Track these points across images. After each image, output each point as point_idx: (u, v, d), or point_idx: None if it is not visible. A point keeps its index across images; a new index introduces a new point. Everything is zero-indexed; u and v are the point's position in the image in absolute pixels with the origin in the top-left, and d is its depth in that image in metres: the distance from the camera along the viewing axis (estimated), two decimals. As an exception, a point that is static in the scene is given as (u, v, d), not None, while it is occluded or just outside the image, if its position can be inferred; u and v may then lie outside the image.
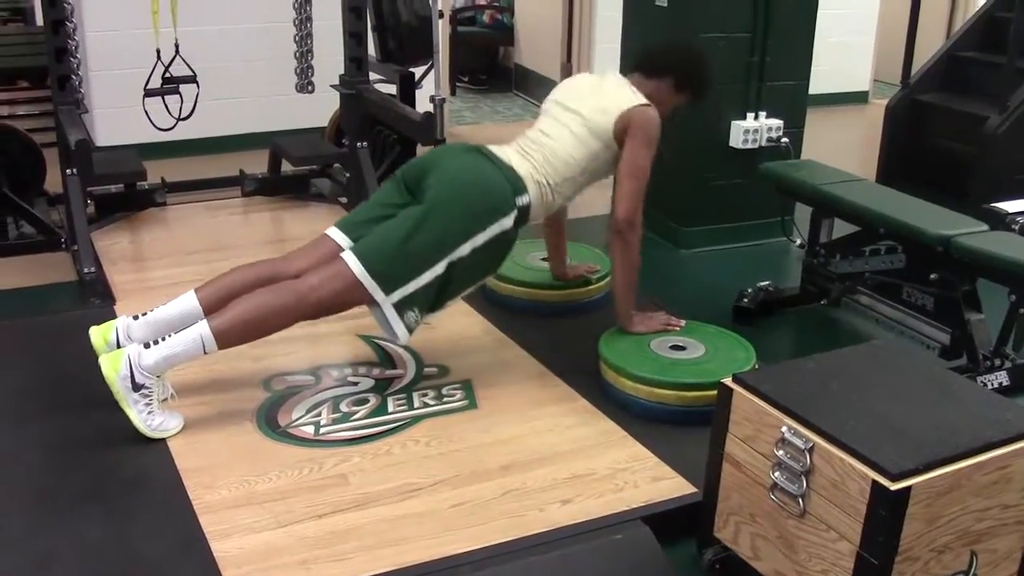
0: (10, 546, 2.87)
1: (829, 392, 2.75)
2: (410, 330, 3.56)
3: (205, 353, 3.40)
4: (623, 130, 3.75)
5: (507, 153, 3.78)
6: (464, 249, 3.53)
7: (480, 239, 3.56)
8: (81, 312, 4.40)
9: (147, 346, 3.37)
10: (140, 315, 3.59)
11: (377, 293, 3.47)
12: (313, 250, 3.69)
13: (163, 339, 3.39)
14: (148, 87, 5.48)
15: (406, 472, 3.26)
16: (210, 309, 3.50)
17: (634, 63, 4.04)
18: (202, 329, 3.37)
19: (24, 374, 3.84)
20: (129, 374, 3.31)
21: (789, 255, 5.48)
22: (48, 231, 5.36)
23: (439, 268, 3.51)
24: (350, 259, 3.48)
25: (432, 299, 3.57)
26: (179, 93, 5.49)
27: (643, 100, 3.82)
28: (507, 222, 3.62)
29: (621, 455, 3.38)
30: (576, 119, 3.82)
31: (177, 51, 5.44)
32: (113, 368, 3.31)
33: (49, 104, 5.69)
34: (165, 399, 3.43)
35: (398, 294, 3.49)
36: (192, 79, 5.51)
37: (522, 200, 3.67)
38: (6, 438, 3.42)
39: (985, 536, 2.59)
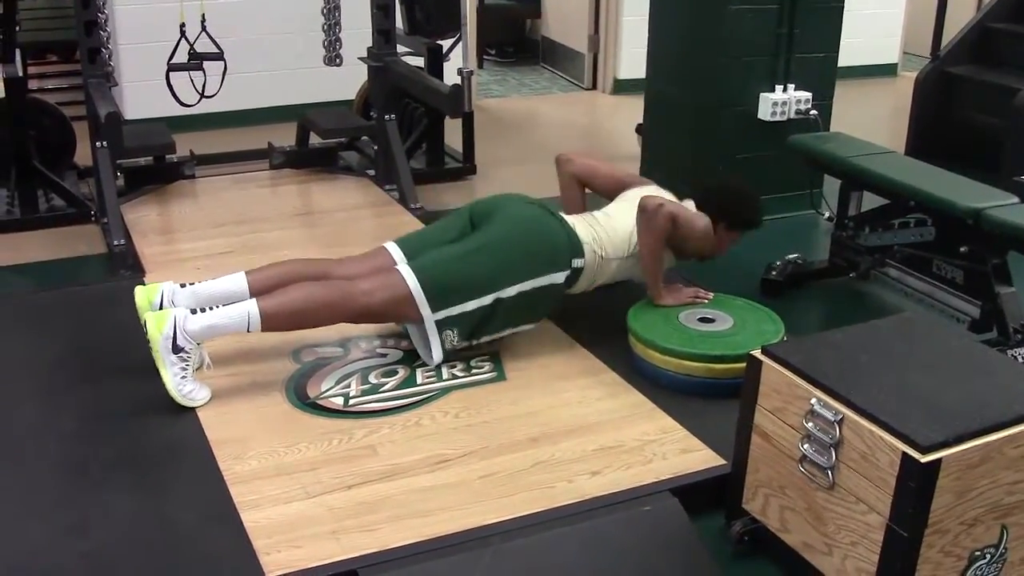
0: (44, 515, 2.90)
1: (858, 364, 2.73)
2: (445, 351, 3.66)
3: (248, 331, 3.45)
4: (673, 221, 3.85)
5: (573, 220, 3.91)
6: (513, 290, 3.66)
7: (529, 285, 3.69)
8: (111, 284, 4.43)
9: (194, 312, 3.42)
10: (188, 284, 3.65)
11: (425, 309, 3.58)
12: (368, 259, 3.82)
13: (210, 309, 3.44)
14: (172, 62, 5.48)
15: (435, 443, 3.27)
16: (258, 294, 3.56)
17: (690, 192, 4.11)
18: (251, 307, 3.43)
19: (55, 345, 3.87)
20: (172, 335, 3.34)
21: (818, 228, 5.45)
22: (78, 204, 5.40)
23: (486, 300, 3.63)
24: (406, 272, 3.60)
25: (470, 329, 3.67)
26: (203, 70, 5.49)
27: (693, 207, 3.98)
28: (558, 277, 3.76)
29: (650, 427, 3.38)
30: (635, 209, 3.89)
31: (204, 27, 5.43)
32: (158, 327, 3.34)
33: (79, 77, 5.72)
34: (200, 367, 3.46)
35: (443, 313, 3.60)
36: (219, 56, 5.50)
37: (577, 262, 3.80)
38: (39, 408, 3.45)
39: (1016, 510, 2.58)
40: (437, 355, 3.67)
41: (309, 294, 3.52)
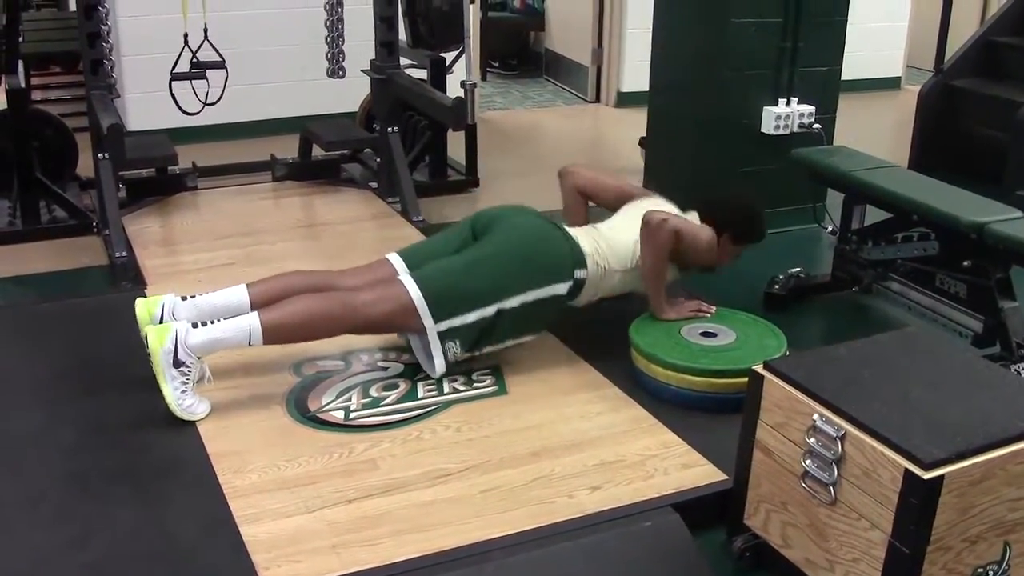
0: (45, 526, 2.90)
1: (861, 380, 2.73)
2: (447, 363, 3.65)
3: (250, 344, 3.44)
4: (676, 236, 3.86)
5: (576, 232, 3.91)
6: (515, 300, 3.65)
7: (532, 296, 3.68)
8: (112, 296, 4.43)
9: (195, 326, 3.41)
10: (188, 296, 3.64)
11: (427, 319, 3.57)
12: (370, 271, 3.82)
13: (212, 322, 3.43)
14: (175, 71, 5.49)
15: (436, 457, 3.26)
16: (258, 306, 3.56)
17: (693, 204, 4.11)
18: (252, 320, 3.42)
19: (56, 357, 3.86)
20: (173, 349, 3.33)
21: (821, 242, 5.44)
22: (80, 215, 5.40)
23: (489, 310, 3.62)
24: (409, 283, 3.59)
25: (473, 340, 3.66)
26: (206, 79, 5.50)
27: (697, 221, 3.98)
28: (561, 288, 3.75)
29: (651, 442, 3.37)
30: (637, 222, 3.89)
31: (206, 36, 5.44)
32: (159, 341, 3.33)
33: (81, 89, 5.73)
34: (200, 381, 3.45)
35: (445, 324, 3.60)
36: (220, 65, 5.50)
37: (580, 274, 3.80)
38: (40, 419, 3.44)
39: (1019, 526, 2.57)
40: (440, 366, 3.65)
41: (310, 306, 3.51)
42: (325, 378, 3.73)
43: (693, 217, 3.99)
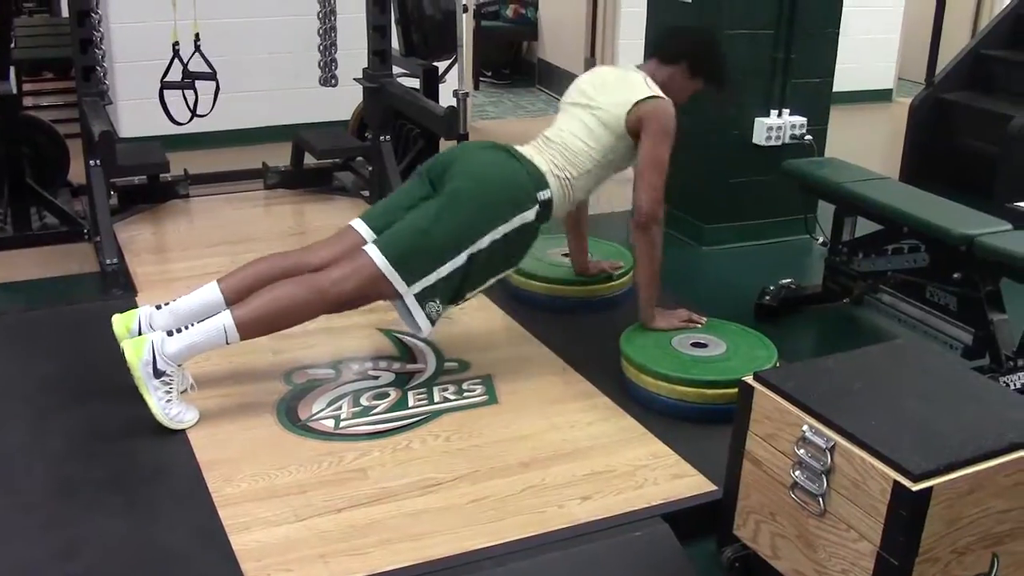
0: (32, 536, 2.89)
1: (851, 391, 2.73)
2: (432, 322, 3.56)
3: (227, 343, 3.41)
4: (636, 122, 3.76)
5: (528, 150, 3.80)
6: (484, 241, 3.55)
7: (500, 231, 3.57)
8: (103, 303, 4.41)
9: (170, 334, 3.39)
10: (163, 304, 3.61)
11: (400, 284, 3.48)
12: (337, 242, 3.71)
13: (186, 328, 3.41)
14: (165, 80, 5.49)
15: (426, 467, 3.26)
16: (232, 300, 3.52)
17: (651, 50, 4.02)
18: (225, 319, 3.39)
19: (46, 365, 3.85)
20: (151, 360, 3.32)
21: (812, 253, 5.46)
22: (71, 222, 5.39)
23: (460, 259, 3.53)
24: (373, 252, 3.50)
25: (453, 291, 3.58)
26: (195, 89, 5.50)
27: (656, 91, 3.81)
28: (529, 215, 3.64)
29: (641, 452, 3.37)
30: (588, 113, 3.84)
31: (197, 46, 5.45)
32: (136, 354, 3.32)
33: (73, 95, 5.72)
34: (185, 390, 3.44)
35: (419, 285, 3.50)
36: (211, 76, 5.51)
37: (543, 195, 3.69)
38: (29, 428, 3.44)
39: (1007, 538, 2.58)
40: (425, 326, 3.55)
41: (281, 295, 3.44)
42: (316, 387, 3.73)
43: (652, 68, 3.92)
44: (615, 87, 3.87)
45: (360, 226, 3.71)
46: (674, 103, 3.85)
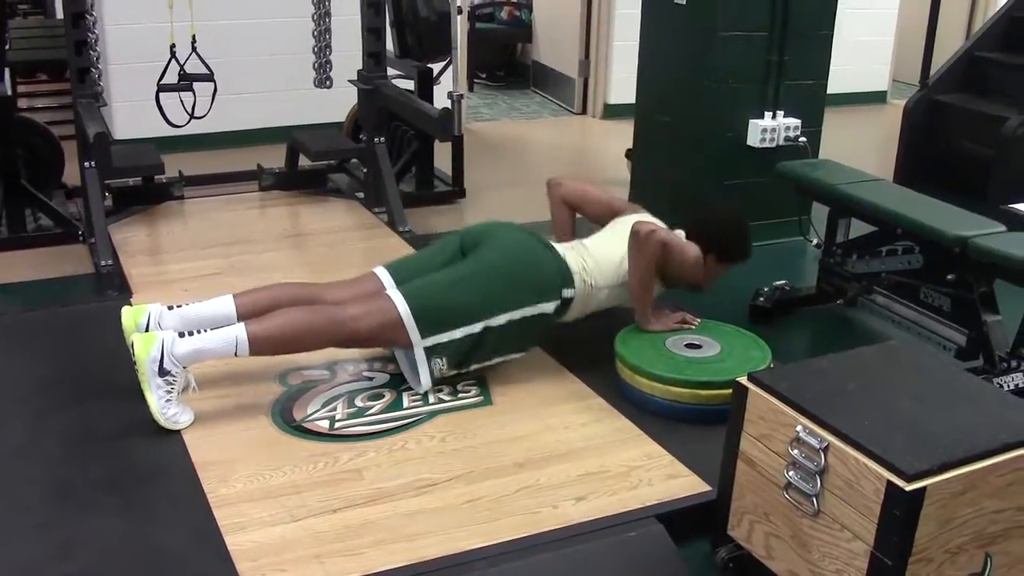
0: (29, 537, 2.89)
1: (844, 392, 2.74)
2: (433, 379, 3.66)
3: (236, 355, 3.44)
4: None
5: (563, 249, 3.91)
6: (502, 318, 3.66)
7: (519, 314, 3.69)
8: (98, 304, 4.42)
9: (181, 335, 3.41)
10: (175, 306, 3.64)
11: (414, 334, 3.58)
12: (357, 284, 3.82)
13: (198, 332, 3.43)
14: (162, 83, 5.50)
15: (420, 467, 3.26)
16: (245, 317, 3.56)
17: (681, 223, 4.09)
18: (239, 332, 3.43)
19: (41, 366, 3.85)
20: (159, 358, 3.33)
21: (806, 254, 5.47)
22: (66, 223, 5.39)
23: (475, 327, 3.63)
24: (397, 298, 3.59)
25: (461, 356, 3.66)
26: (192, 91, 5.51)
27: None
28: (548, 307, 3.77)
29: (636, 453, 3.38)
30: (624, 237, 3.90)
31: (194, 47, 5.45)
32: (145, 349, 3.33)
33: (68, 97, 5.72)
34: (185, 390, 3.45)
35: (432, 340, 3.60)
36: (209, 77, 5.51)
37: (568, 292, 3.81)
38: (24, 429, 3.44)
39: (1000, 538, 2.58)
40: (425, 382, 3.66)
41: (297, 319, 3.51)
42: (310, 388, 3.73)
43: (681, 235, 3.99)
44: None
45: (382, 274, 3.82)
46: (701, 282, 4.04)
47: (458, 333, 3.61)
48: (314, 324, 3.52)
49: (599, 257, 3.92)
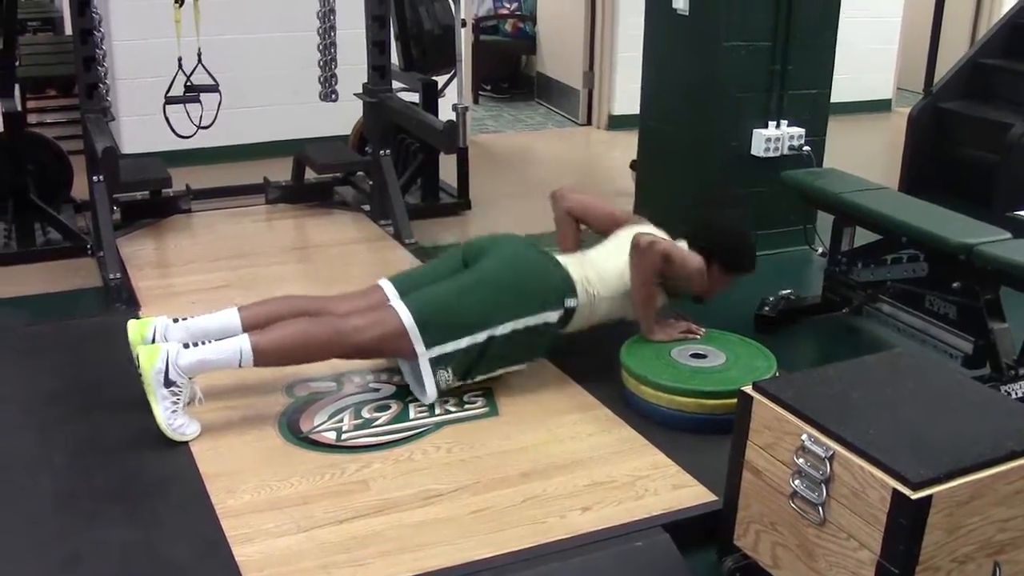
0: (38, 548, 2.90)
1: (850, 401, 2.74)
2: (439, 390, 3.66)
3: (240, 366, 3.45)
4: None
5: (566, 260, 3.92)
6: (506, 328, 3.67)
7: (522, 323, 3.71)
8: (106, 318, 4.44)
9: (186, 346, 3.43)
10: (180, 319, 3.65)
11: (419, 345, 3.59)
12: (362, 296, 3.85)
13: (203, 343, 3.44)
14: (169, 95, 5.53)
15: (427, 478, 3.27)
16: (249, 329, 3.57)
17: (682, 231, 4.09)
18: (243, 343, 3.44)
19: (50, 378, 3.87)
20: (164, 369, 3.35)
21: (811, 263, 5.47)
22: (74, 237, 5.41)
23: (479, 337, 3.64)
24: (400, 308, 3.61)
25: (466, 367, 3.68)
26: (199, 102, 5.54)
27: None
28: (551, 316, 3.78)
29: (641, 463, 3.38)
30: (626, 248, 3.90)
31: (200, 60, 5.48)
32: (150, 360, 3.35)
33: (77, 112, 5.75)
34: (191, 402, 3.45)
35: (437, 350, 3.61)
36: (214, 88, 5.55)
37: (571, 302, 3.82)
38: (33, 440, 3.45)
39: (1008, 546, 2.58)
40: (431, 393, 3.66)
41: (302, 330, 3.53)
42: (317, 399, 3.74)
43: (684, 245, 4.00)
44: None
45: (387, 286, 3.86)
46: (705, 292, 4.05)
47: (463, 343, 3.62)
48: (317, 335, 3.53)
49: (601, 267, 3.93)
